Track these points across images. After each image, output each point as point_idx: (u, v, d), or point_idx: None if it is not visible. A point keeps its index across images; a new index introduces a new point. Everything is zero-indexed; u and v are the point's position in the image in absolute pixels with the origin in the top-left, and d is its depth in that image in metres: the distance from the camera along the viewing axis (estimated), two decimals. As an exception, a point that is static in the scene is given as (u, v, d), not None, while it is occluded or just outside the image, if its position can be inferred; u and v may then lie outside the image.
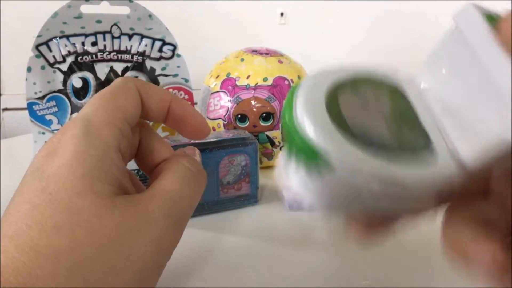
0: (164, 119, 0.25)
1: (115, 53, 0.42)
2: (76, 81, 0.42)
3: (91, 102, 0.22)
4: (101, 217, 0.18)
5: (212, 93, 0.47)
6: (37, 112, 0.42)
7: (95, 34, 0.41)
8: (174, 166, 0.23)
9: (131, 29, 0.42)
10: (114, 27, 0.41)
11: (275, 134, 0.46)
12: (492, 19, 0.17)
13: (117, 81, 0.23)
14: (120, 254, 0.18)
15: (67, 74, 0.42)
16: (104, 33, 0.41)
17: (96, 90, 0.41)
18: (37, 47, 0.41)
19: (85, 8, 0.40)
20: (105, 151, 0.20)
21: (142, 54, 0.42)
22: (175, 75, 0.43)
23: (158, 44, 0.42)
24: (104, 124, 0.21)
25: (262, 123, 0.45)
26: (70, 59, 0.41)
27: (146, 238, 0.19)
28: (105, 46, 0.42)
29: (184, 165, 0.23)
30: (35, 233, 0.17)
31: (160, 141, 0.25)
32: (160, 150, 0.25)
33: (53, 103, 0.42)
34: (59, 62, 0.41)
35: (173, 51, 0.42)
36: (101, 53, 0.42)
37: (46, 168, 0.19)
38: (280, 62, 0.47)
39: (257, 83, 0.45)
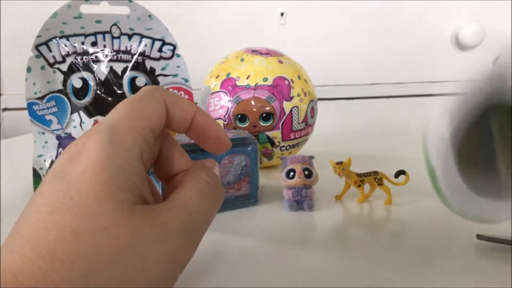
0: (187, 130, 0.25)
1: (115, 53, 0.42)
2: (76, 81, 0.42)
3: (117, 109, 0.22)
4: (119, 225, 0.18)
5: (212, 93, 0.47)
6: (37, 112, 0.42)
7: (95, 34, 0.41)
8: (193, 179, 0.23)
9: (131, 29, 0.42)
10: (114, 27, 0.41)
11: (275, 134, 0.46)
12: None
13: (144, 90, 0.24)
14: (135, 264, 0.18)
15: (67, 74, 0.42)
16: (104, 33, 0.41)
17: (96, 90, 0.41)
18: (37, 47, 0.41)
19: (85, 8, 0.40)
20: (129, 159, 0.20)
21: (142, 54, 0.42)
22: (175, 75, 0.43)
23: (158, 44, 0.42)
24: (129, 132, 0.21)
25: (262, 123, 0.45)
26: (69, 59, 0.41)
27: (161, 250, 0.19)
28: (104, 46, 0.42)
29: (203, 178, 0.23)
30: (53, 237, 0.17)
31: (180, 151, 0.25)
32: (179, 161, 0.25)
33: (53, 103, 0.42)
34: (59, 62, 0.41)
35: (173, 51, 0.42)
36: (101, 53, 0.42)
37: (68, 171, 0.19)
38: (280, 62, 0.47)
39: (257, 83, 0.45)
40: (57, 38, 0.41)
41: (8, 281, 0.16)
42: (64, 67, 0.42)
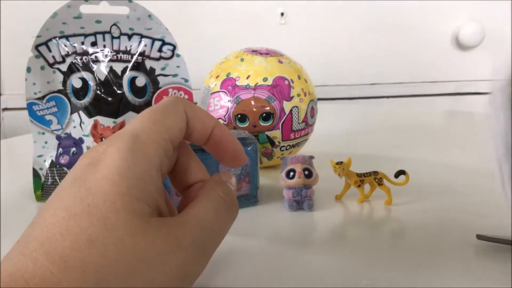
0: (204, 143, 0.25)
1: (114, 53, 0.42)
2: (75, 81, 0.42)
3: (140, 118, 0.22)
4: (134, 236, 0.18)
5: (212, 93, 0.47)
6: (37, 112, 0.42)
7: (94, 34, 0.41)
8: (209, 194, 0.23)
9: (131, 29, 0.42)
10: (114, 27, 0.41)
11: (275, 134, 0.46)
12: None
13: (167, 100, 0.24)
14: (146, 277, 0.18)
15: (67, 74, 0.42)
16: (103, 33, 0.41)
17: (96, 90, 0.41)
18: (36, 47, 0.41)
19: (85, 8, 0.40)
20: (148, 170, 0.20)
21: (142, 54, 0.42)
22: (175, 75, 0.43)
23: (157, 44, 0.42)
24: (150, 142, 0.21)
25: (262, 123, 0.45)
26: (69, 59, 0.41)
27: (173, 264, 0.19)
28: (104, 46, 0.42)
29: (219, 194, 0.24)
30: (67, 244, 0.18)
31: (196, 161, 0.26)
32: (195, 171, 0.25)
33: (52, 103, 0.42)
34: (59, 62, 0.41)
35: (173, 51, 0.42)
36: (101, 53, 0.42)
37: (87, 178, 0.19)
38: (280, 62, 0.47)
39: (257, 83, 0.45)
40: (57, 38, 0.41)
41: (19, 285, 0.16)
42: (64, 67, 0.42)
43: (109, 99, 0.42)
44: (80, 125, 0.42)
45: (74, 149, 0.42)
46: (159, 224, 0.20)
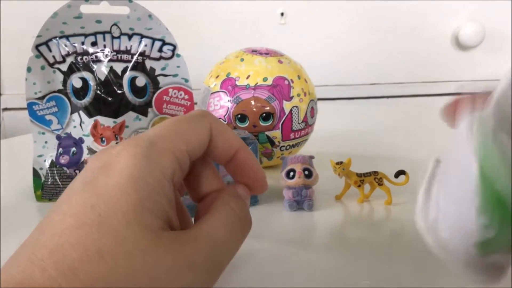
0: (226, 163, 0.25)
1: (115, 53, 0.42)
2: (76, 81, 0.42)
3: (162, 125, 0.22)
4: (144, 251, 0.18)
5: (212, 93, 0.47)
6: (37, 112, 0.42)
7: (95, 34, 0.41)
8: (222, 208, 0.23)
9: (131, 29, 0.42)
10: (114, 27, 0.41)
11: (275, 134, 0.46)
12: None
13: (195, 113, 0.23)
14: None
15: (67, 74, 0.42)
16: (104, 33, 0.41)
17: (96, 90, 0.41)
18: (37, 47, 0.41)
19: (85, 8, 0.40)
20: (161, 180, 0.20)
21: (142, 54, 0.42)
22: (175, 75, 0.43)
23: (158, 44, 0.42)
24: (166, 152, 0.21)
25: (262, 123, 0.45)
26: (69, 59, 0.41)
27: (183, 283, 0.19)
28: (104, 46, 0.42)
29: (233, 209, 0.23)
30: (77, 255, 0.17)
31: (212, 170, 0.25)
32: (211, 181, 0.25)
33: (53, 103, 0.42)
34: (59, 62, 0.41)
35: (173, 51, 0.42)
36: (101, 53, 0.42)
37: (99, 183, 0.19)
38: (280, 62, 0.47)
39: (257, 83, 0.45)
40: (57, 38, 0.41)
41: None
42: (64, 67, 0.42)
43: (109, 99, 0.42)
44: (80, 125, 0.42)
45: (74, 149, 0.42)
46: (170, 240, 0.19)
